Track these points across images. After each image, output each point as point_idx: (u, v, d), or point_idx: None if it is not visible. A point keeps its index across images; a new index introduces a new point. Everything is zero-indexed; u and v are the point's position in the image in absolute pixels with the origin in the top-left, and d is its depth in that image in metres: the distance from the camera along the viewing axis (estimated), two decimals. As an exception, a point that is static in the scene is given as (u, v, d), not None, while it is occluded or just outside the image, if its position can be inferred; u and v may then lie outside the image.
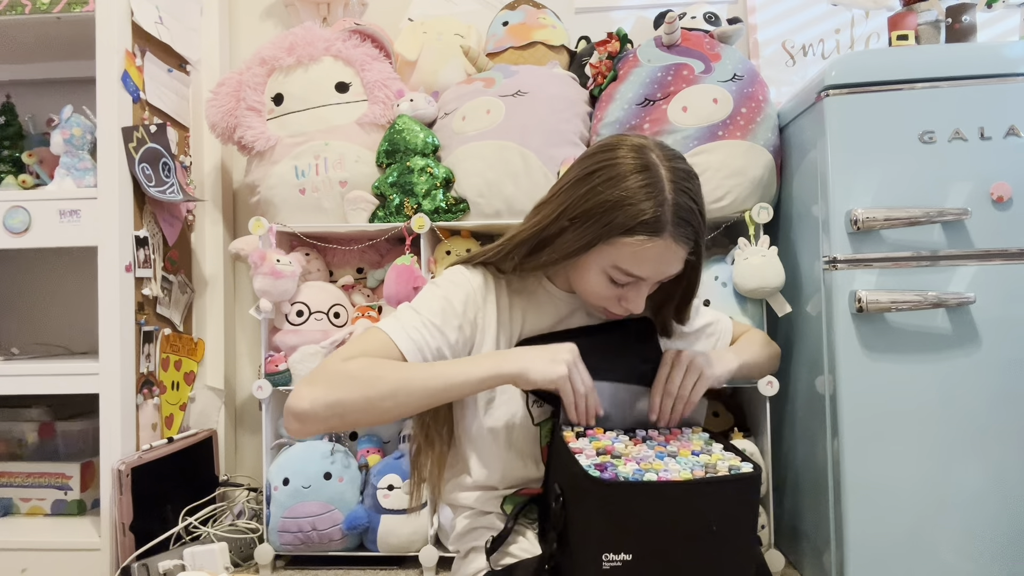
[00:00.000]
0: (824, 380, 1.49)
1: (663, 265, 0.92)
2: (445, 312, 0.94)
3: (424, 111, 1.88)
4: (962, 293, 1.41)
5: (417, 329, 0.91)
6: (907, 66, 1.46)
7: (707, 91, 1.70)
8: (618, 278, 0.91)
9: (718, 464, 0.81)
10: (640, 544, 0.74)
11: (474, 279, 0.98)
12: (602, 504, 0.76)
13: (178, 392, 1.94)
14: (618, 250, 0.89)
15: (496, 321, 0.98)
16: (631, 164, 0.89)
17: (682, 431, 0.92)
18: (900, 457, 1.41)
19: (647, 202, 0.87)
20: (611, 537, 0.75)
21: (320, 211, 1.85)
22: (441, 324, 0.93)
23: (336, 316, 1.84)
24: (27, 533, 1.73)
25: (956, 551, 1.39)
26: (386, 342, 0.89)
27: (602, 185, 0.88)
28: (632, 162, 0.89)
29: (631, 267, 0.90)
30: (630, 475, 0.78)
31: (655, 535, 0.75)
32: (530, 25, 2.00)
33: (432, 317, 0.93)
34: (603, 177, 0.89)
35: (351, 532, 1.73)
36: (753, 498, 0.82)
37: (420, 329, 0.91)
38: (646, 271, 0.91)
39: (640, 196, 0.87)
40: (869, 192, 1.45)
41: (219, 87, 1.93)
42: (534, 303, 1.01)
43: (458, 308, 0.95)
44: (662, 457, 0.83)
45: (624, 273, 0.90)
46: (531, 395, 0.98)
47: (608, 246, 0.89)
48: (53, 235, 1.69)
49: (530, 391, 0.94)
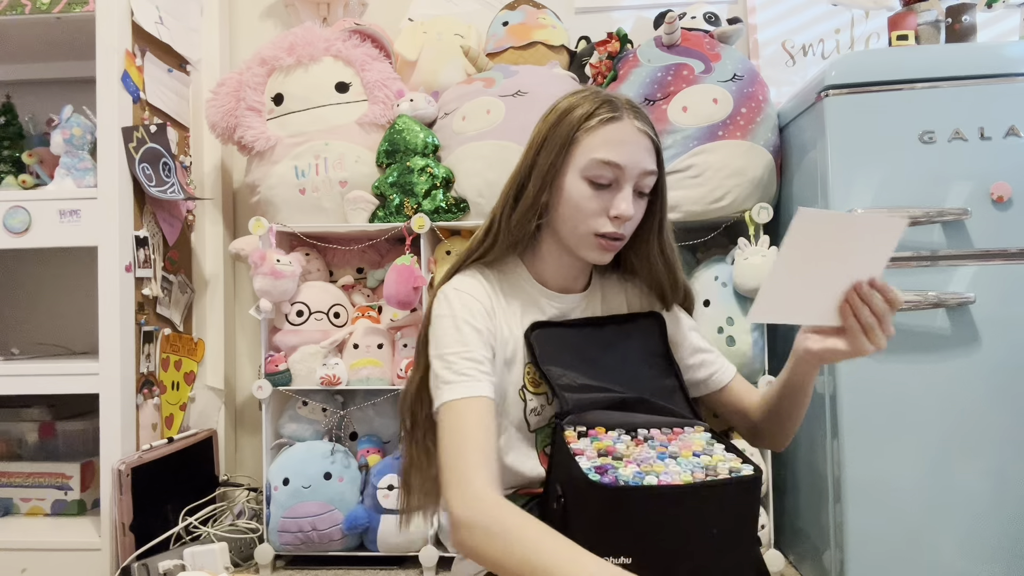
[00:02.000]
0: (824, 380, 1.49)
1: (634, 149, 0.92)
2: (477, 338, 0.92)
3: (424, 111, 1.88)
4: (962, 293, 1.41)
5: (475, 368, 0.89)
6: (907, 66, 1.46)
7: (707, 91, 1.70)
8: (597, 175, 0.92)
9: (719, 466, 0.81)
10: (640, 547, 0.74)
11: (476, 293, 0.96)
12: (602, 508, 0.76)
13: (178, 392, 1.94)
14: (587, 142, 0.92)
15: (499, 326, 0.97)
16: (573, 92, 0.98)
17: (684, 430, 0.92)
18: (900, 457, 1.41)
19: (596, 97, 0.94)
20: (611, 540, 0.74)
21: (320, 211, 1.85)
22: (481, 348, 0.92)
23: (336, 316, 1.84)
24: (27, 533, 1.73)
25: (956, 551, 1.40)
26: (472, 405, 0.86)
27: (552, 112, 0.96)
28: (573, 91, 0.98)
29: (604, 152, 0.91)
30: (630, 478, 0.77)
31: (655, 538, 0.75)
32: (530, 25, 2.01)
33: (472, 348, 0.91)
34: (550, 109, 0.97)
35: (351, 532, 1.73)
36: (754, 501, 0.81)
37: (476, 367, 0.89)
38: (620, 155, 0.91)
39: (588, 97, 0.95)
40: (869, 192, 1.45)
41: (219, 87, 1.93)
42: (527, 302, 1.01)
43: (480, 326, 0.93)
44: (663, 458, 0.83)
45: (601, 164, 0.91)
46: (528, 404, 0.97)
47: (577, 145, 0.93)
48: (53, 235, 1.69)
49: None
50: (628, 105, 0.94)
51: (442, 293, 0.96)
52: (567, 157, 0.93)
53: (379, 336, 1.81)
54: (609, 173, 0.91)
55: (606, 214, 0.93)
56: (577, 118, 0.93)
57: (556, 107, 0.96)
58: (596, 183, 0.92)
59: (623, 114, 0.93)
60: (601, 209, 0.93)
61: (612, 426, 0.90)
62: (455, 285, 0.96)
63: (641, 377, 0.97)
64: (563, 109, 0.95)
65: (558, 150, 0.93)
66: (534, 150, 0.95)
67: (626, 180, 0.92)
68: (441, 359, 0.90)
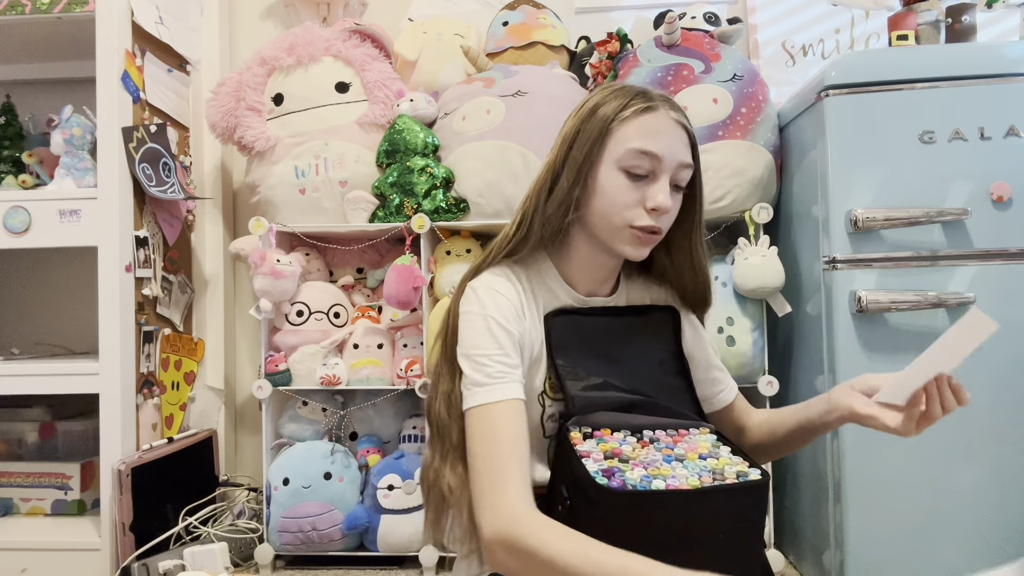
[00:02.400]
0: (824, 380, 1.49)
1: (671, 139, 0.90)
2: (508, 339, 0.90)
3: (424, 111, 1.88)
4: (962, 293, 1.41)
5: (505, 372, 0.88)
6: (907, 66, 1.46)
7: (707, 91, 1.70)
8: (634, 165, 0.89)
9: (726, 469, 0.80)
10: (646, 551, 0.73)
11: (507, 292, 0.94)
12: (609, 512, 0.75)
13: (178, 392, 1.94)
14: (623, 134, 0.90)
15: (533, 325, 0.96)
16: (602, 88, 0.96)
17: (689, 431, 0.91)
18: (900, 457, 1.41)
19: (628, 89, 0.94)
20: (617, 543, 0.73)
21: (320, 211, 1.85)
22: (512, 350, 0.90)
23: (336, 316, 1.84)
24: (27, 533, 1.73)
25: (956, 551, 1.40)
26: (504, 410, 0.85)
27: (585, 106, 0.94)
28: (603, 88, 0.96)
29: (642, 142, 0.89)
30: (637, 482, 0.77)
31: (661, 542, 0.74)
32: (530, 25, 2.01)
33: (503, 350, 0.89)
34: (586, 100, 0.95)
35: (351, 532, 1.73)
36: (761, 505, 0.81)
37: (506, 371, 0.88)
38: (657, 144, 0.89)
39: (619, 89, 0.94)
40: (869, 192, 1.45)
41: (219, 87, 1.93)
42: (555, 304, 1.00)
43: (511, 328, 0.91)
44: (669, 461, 0.82)
45: (638, 153, 0.89)
46: (546, 410, 0.97)
47: (612, 136, 0.91)
48: (53, 235, 1.69)
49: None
50: (663, 97, 0.93)
51: (471, 289, 0.94)
52: (602, 148, 0.91)
53: (379, 336, 1.81)
54: (646, 163, 0.89)
55: (643, 206, 0.90)
56: (612, 110, 0.91)
57: (587, 102, 0.94)
58: (633, 174, 0.90)
59: (658, 104, 0.91)
60: (637, 201, 0.90)
61: (617, 427, 0.89)
62: (486, 283, 0.94)
63: (650, 374, 0.96)
64: (596, 103, 0.93)
65: (592, 142, 0.91)
66: (567, 144, 0.93)
67: (663, 171, 0.90)
68: (472, 360, 0.88)
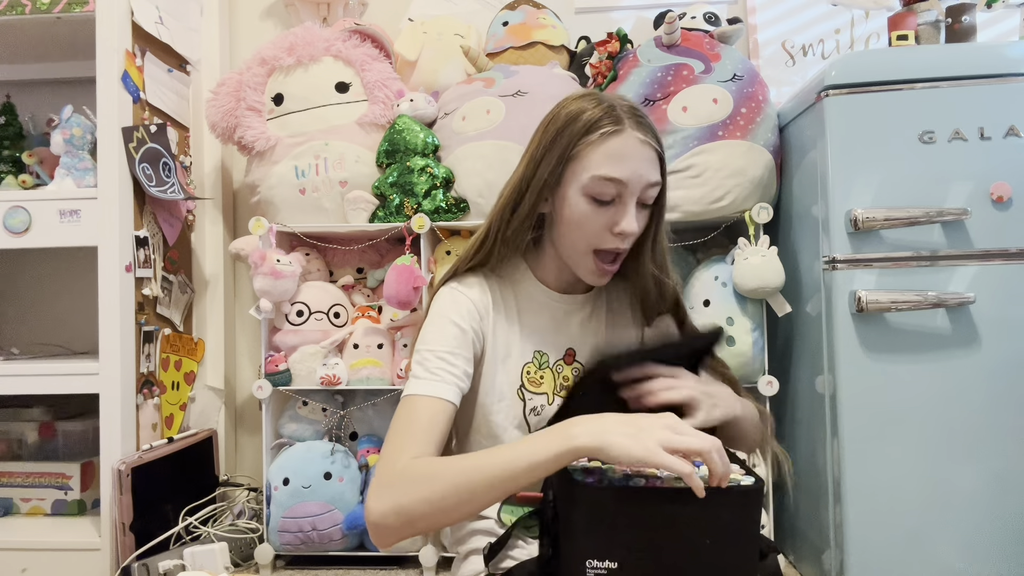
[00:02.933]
0: (824, 380, 1.49)
1: (637, 162, 0.89)
2: (457, 337, 0.92)
3: (424, 111, 1.88)
4: (962, 293, 1.41)
5: (445, 370, 0.89)
6: (907, 66, 1.46)
7: (707, 91, 1.70)
8: (599, 191, 0.89)
9: None
10: (626, 552, 0.72)
11: (470, 292, 0.96)
12: (587, 509, 0.74)
13: (178, 392, 1.94)
14: (588, 158, 0.89)
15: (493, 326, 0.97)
16: (573, 96, 0.94)
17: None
18: (900, 457, 1.41)
19: (598, 106, 0.90)
20: (596, 543, 0.72)
21: (320, 211, 1.85)
22: (458, 348, 0.91)
23: (336, 316, 1.84)
24: (27, 533, 1.73)
25: (956, 551, 1.40)
26: (428, 403, 0.87)
27: (554, 119, 0.92)
28: (574, 95, 0.95)
29: (608, 169, 0.88)
30: (617, 479, 0.76)
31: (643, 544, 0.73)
32: (530, 25, 2.00)
33: (449, 348, 0.91)
34: (552, 114, 0.94)
35: (351, 532, 1.73)
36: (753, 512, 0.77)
37: (447, 368, 0.90)
38: (623, 170, 0.88)
39: (588, 105, 0.90)
40: (869, 192, 1.45)
41: (219, 87, 1.93)
42: (528, 304, 1.00)
43: (464, 326, 0.93)
44: None
45: (603, 180, 0.88)
46: (527, 403, 0.97)
47: (577, 161, 0.90)
48: (53, 235, 1.69)
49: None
50: (630, 113, 0.91)
51: (439, 293, 0.97)
52: (566, 171, 0.90)
53: (379, 336, 1.81)
54: (612, 189, 0.89)
55: (609, 230, 0.90)
56: (577, 131, 0.89)
57: (556, 114, 0.93)
58: (598, 200, 0.89)
59: (625, 126, 0.89)
60: (604, 226, 0.90)
61: None
62: (452, 284, 0.97)
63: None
64: (563, 119, 0.91)
65: (555, 163, 0.90)
66: (534, 163, 0.93)
67: (629, 195, 0.89)
68: (418, 354, 0.91)
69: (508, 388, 0.96)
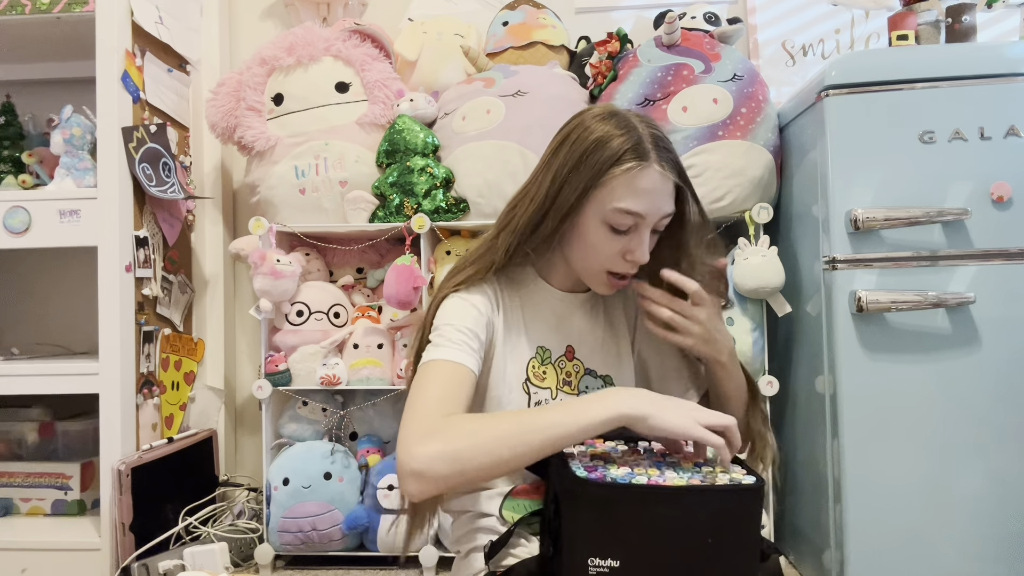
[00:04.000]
0: (824, 380, 1.49)
1: (657, 197, 0.92)
2: (475, 318, 0.94)
3: (424, 111, 1.88)
4: (962, 293, 1.41)
5: (465, 342, 0.91)
6: (907, 66, 1.46)
7: (707, 91, 1.70)
8: (618, 222, 0.91)
9: (719, 476, 0.78)
10: (628, 550, 0.72)
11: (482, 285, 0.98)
12: (589, 506, 0.74)
13: (178, 392, 1.94)
14: (612, 188, 0.91)
15: (503, 318, 0.98)
16: (599, 114, 0.95)
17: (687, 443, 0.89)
18: (900, 457, 1.41)
19: (625, 135, 0.91)
20: (598, 541, 0.73)
21: (320, 211, 1.85)
22: (476, 327, 0.93)
23: (336, 316, 1.84)
24: (27, 533, 1.73)
25: (956, 551, 1.39)
26: (452, 368, 0.88)
27: (579, 140, 0.93)
28: (600, 113, 0.95)
29: (628, 203, 0.90)
30: (620, 477, 0.76)
31: (644, 542, 0.73)
32: (530, 25, 2.00)
33: (468, 324, 0.93)
34: (577, 134, 0.94)
35: (351, 532, 1.73)
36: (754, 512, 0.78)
37: (467, 340, 0.91)
38: (643, 204, 0.91)
39: (616, 132, 0.91)
40: (869, 192, 1.45)
41: (219, 87, 1.93)
42: (531, 300, 1.01)
43: (482, 309, 0.95)
44: (660, 466, 0.81)
45: (623, 213, 0.91)
46: (532, 398, 0.97)
47: (601, 189, 0.91)
48: (53, 235, 1.69)
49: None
50: (654, 144, 0.92)
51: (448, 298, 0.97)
52: (589, 198, 0.92)
53: (379, 336, 1.81)
54: (630, 221, 0.92)
55: (622, 256, 0.94)
56: (605, 160, 0.90)
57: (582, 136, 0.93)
58: (615, 229, 0.92)
59: (650, 160, 0.91)
60: (617, 251, 0.94)
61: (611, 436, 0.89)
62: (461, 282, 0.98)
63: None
64: (591, 143, 0.91)
65: (581, 190, 0.92)
66: (557, 183, 0.93)
67: (646, 226, 0.93)
68: (436, 330, 0.92)
69: (515, 381, 0.97)
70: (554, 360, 1.00)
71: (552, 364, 1.00)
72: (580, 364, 1.01)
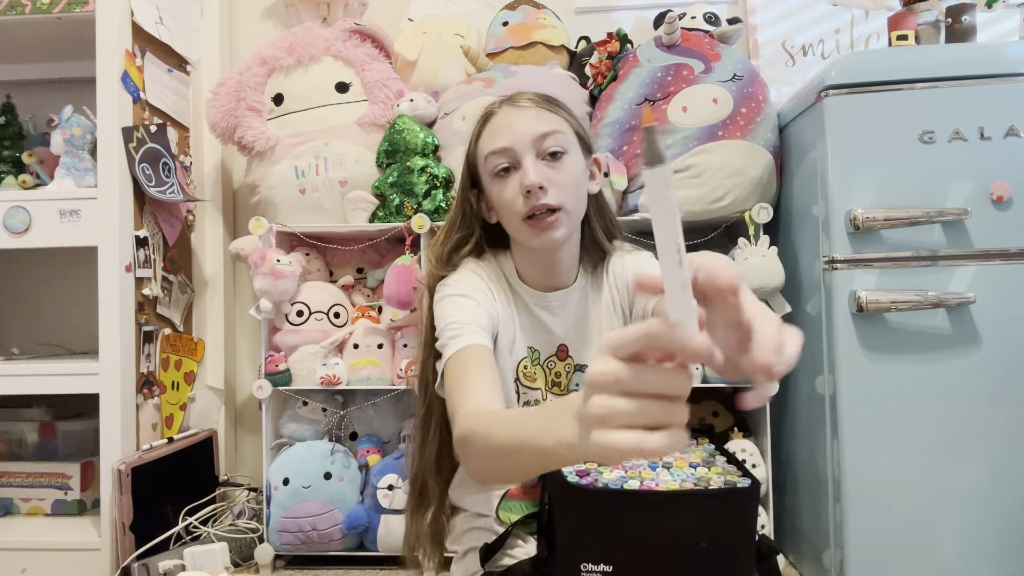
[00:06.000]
0: (824, 380, 1.49)
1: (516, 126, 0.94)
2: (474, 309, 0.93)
3: (424, 111, 1.88)
4: (962, 293, 1.41)
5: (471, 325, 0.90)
6: (907, 66, 1.46)
7: (707, 91, 1.70)
8: (496, 164, 0.94)
9: (713, 478, 0.78)
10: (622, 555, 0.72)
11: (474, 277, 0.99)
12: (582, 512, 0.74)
13: (178, 392, 1.94)
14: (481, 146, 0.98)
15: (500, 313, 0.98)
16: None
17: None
18: (900, 457, 1.41)
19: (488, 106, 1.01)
20: (591, 546, 0.72)
21: (320, 211, 1.85)
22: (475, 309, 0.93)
23: (336, 316, 1.84)
24: (27, 533, 1.73)
25: (956, 551, 1.40)
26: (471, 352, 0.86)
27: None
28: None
29: (491, 144, 0.95)
30: (611, 482, 0.75)
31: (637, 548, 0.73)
32: (530, 25, 2.00)
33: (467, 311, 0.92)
34: None
35: (351, 532, 1.73)
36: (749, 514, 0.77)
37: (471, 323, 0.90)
38: (504, 139, 0.93)
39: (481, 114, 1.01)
40: (869, 192, 1.45)
41: (219, 87, 1.93)
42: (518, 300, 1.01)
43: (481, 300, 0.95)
44: (655, 468, 0.81)
45: (492, 155, 0.94)
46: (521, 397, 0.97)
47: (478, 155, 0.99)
48: (53, 235, 1.69)
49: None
50: (508, 97, 0.98)
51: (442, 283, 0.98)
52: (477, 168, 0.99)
53: (379, 336, 1.81)
54: (503, 159, 0.94)
55: (525, 195, 0.92)
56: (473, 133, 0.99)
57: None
58: (499, 173, 0.94)
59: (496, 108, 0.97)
60: (515, 192, 0.93)
61: None
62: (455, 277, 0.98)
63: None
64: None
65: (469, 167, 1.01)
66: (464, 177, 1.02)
67: (522, 154, 0.93)
68: (442, 331, 0.92)
69: (507, 378, 0.98)
70: (543, 361, 1.00)
71: (541, 365, 1.00)
72: (572, 363, 1.01)
